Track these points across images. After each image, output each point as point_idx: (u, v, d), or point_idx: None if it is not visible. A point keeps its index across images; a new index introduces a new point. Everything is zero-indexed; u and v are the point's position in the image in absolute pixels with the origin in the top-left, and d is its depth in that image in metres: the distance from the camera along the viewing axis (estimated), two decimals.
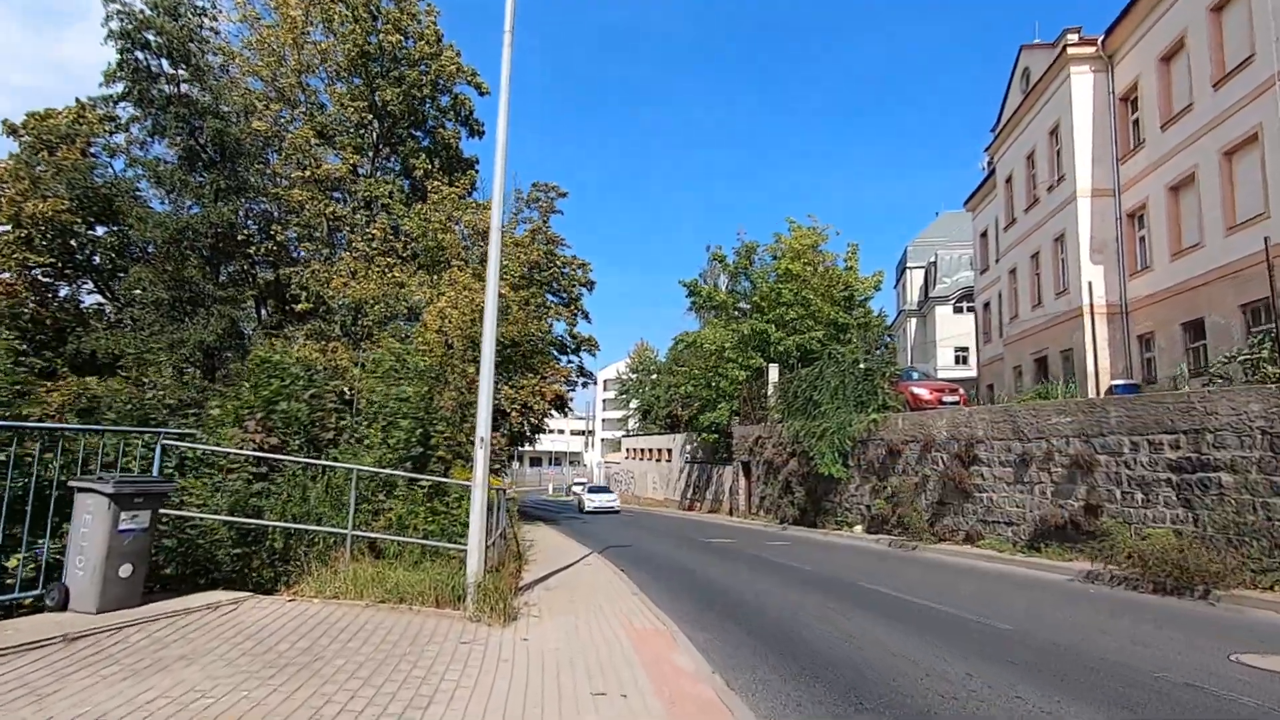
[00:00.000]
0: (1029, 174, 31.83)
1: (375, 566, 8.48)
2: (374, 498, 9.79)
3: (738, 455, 33.35)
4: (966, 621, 9.19)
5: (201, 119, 30.33)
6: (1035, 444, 15.81)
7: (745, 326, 34.62)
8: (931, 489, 19.11)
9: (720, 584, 12.94)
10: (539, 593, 10.65)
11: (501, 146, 8.86)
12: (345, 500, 8.84)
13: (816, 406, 24.42)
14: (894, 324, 60.24)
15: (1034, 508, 15.78)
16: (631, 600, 10.48)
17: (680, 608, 10.37)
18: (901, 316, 62.91)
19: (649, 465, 51.73)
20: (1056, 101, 28.76)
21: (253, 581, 8.39)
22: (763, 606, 10.49)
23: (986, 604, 10.53)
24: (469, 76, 36.30)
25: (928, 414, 19.98)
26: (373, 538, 9.04)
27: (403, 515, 9.46)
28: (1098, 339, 26.23)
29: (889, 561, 16.19)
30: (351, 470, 8.78)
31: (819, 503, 25.05)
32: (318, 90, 34.95)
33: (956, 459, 18.03)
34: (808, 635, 8.48)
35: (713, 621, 9.33)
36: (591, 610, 9.42)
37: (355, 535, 8.63)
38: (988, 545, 16.71)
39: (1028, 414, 16.09)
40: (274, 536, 8.59)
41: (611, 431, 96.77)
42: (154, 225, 29.04)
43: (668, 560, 17.20)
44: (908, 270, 63.01)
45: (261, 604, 7.51)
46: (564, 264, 37.88)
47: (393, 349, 14.21)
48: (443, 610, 8.04)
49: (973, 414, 17.87)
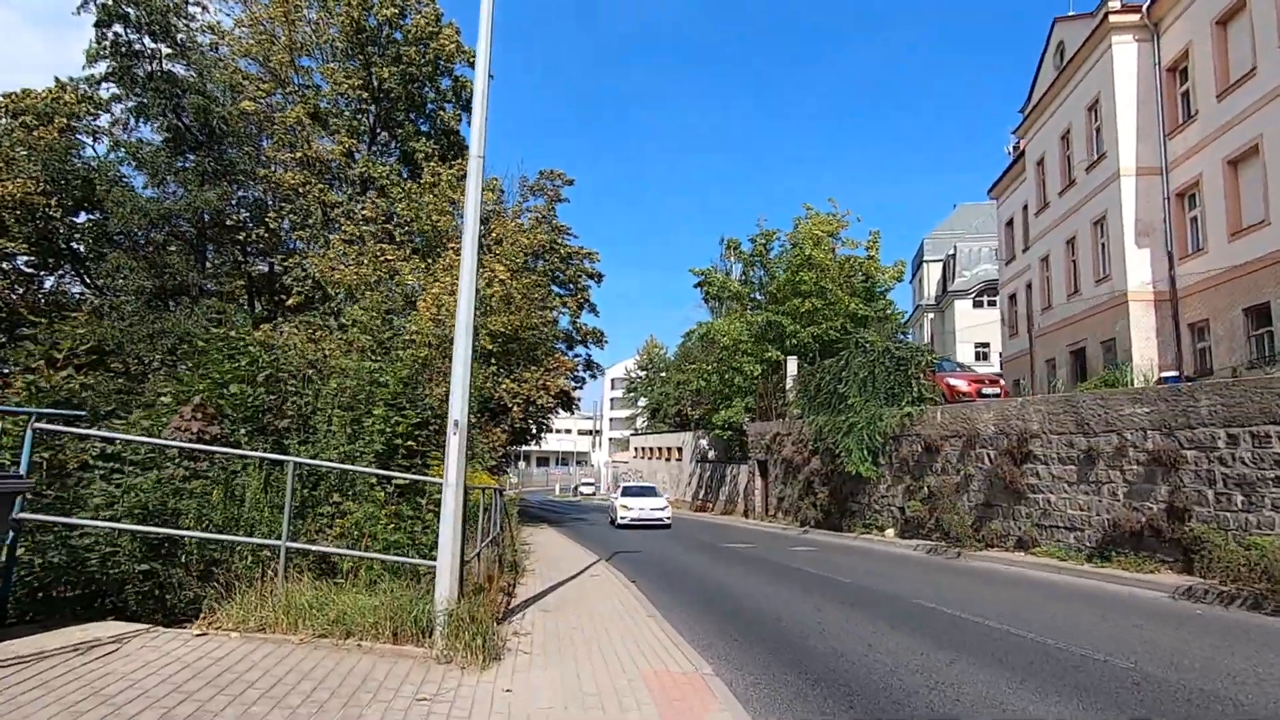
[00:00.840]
0: (1064, 154, 29.87)
1: (317, 589, 6.60)
2: (328, 499, 7.93)
3: (753, 454, 31.41)
4: (1083, 660, 7.26)
5: (184, 96, 28.53)
6: (1103, 438, 13.87)
7: (761, 317, 32.68)
8: (976, 489, 17.18)
9: (748, 600, 11.04)
10: (534, 615, 8.78)
11: (485, 39, 7.03)
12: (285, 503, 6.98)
13: (842, 400, 22.47)
14: (910, 319, 58.21)
15: (1102, 511, 13.83)
16: (647, 625, 8.60)
17: (706, 635, 8.50)
18: (918, 312, 60.88)
19: (658, 464, 49.82)
20: (1096, 75, 26.81)
21: (165, 608, 6.57)
22: (804, 631, 8.62)
23: (1086, 632, 8.62)
24: (469, 57, 34.45)
25: (970, 407, 18.05)
26: (310, 550, 7.14)
27: (360, 521, 7.57)
28: (1144, 328, 24.34)
29: (936, 572, 14.26)
30: (288, 464, 6.83)
31: (844, 504, 23.12)
32: (312, 70, 33.21)
33: (1006, 456, 16.09)
34: (881, 679, 6.60)
35: (753, 658, 7.44)
36: (598, 641, 7.56)
37: (290, 548, 6.71)
38: (1045, 553, 14.78)
39: (1094, 404, 14.14)
40: (191, 549, 6.75)
41: (619, 431, 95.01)
42: (133, 209, 27.26)
43: (683, 569, 15.28)
44: (924, 264, 61.01)
45: (156, 641, 5.67)
46: (570, 254, 35.97)
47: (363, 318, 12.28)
48: (401, 647, 6.16)
49: (1026, 405, 15.93)
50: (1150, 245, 24.54)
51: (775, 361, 31.91)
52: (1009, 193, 39.23)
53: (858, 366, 22.29)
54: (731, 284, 36.72)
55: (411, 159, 32.01)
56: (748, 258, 36.56)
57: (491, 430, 22.32)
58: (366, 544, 7.39)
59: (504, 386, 23.49)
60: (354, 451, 8.58)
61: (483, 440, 20.16)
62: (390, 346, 12.28)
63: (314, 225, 29.74)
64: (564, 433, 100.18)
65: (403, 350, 12.87)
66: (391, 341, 12.60)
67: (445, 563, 6.37)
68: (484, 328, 22.04)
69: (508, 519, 17.90)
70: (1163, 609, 10.24)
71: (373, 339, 11.87)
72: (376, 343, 11.93)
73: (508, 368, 24.86)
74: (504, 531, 15.35)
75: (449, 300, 21.63)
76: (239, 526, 7.06)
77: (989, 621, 9.10)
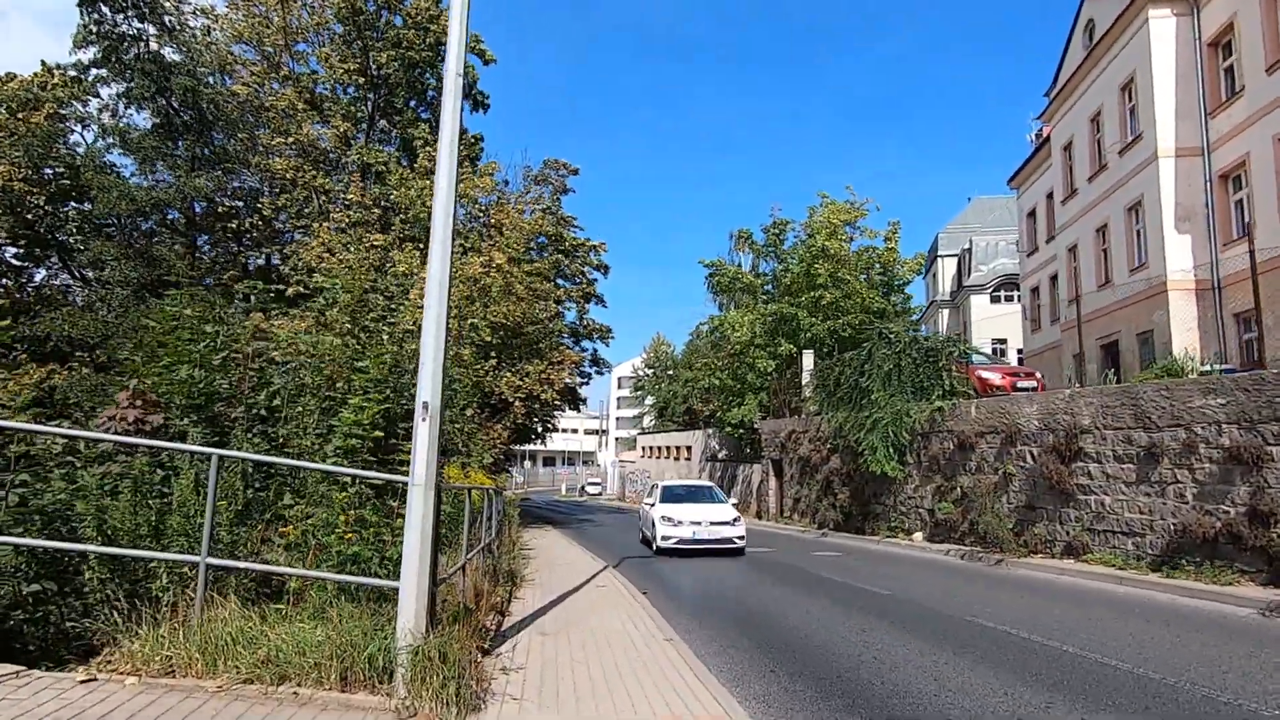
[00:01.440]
0: (1094, 138, 28.39)
1: (247, 618, 5.22)
2: (278, 502, 6.56)
3: (767, 452, 29.98)
4: (1209, 702, 5.88)
5: (171, 78, 27.26)
6: (1168, 433, 12.43)
7: (775, 309, 31.25)
8: (1017, 490, 15.74)
9: (778, 618, 9.63)
10: (530, 640, 7.40)
11: None
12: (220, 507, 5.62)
13: (865, 395, 21.05)
14: (924, 315, 56.65)
15: (1166, 514, 12.39)
16: (664, 652, 7.22)
17: (735, 664, 7.11)
18: (932, 307, 59.31)
19: (667, 464, 48.41)
20: (1130, 52, 25.35)
21: (68, 640, 5.22)
22: (854, 660, 7.23)
23: (1188, 661, 7.22)
24: (472, 42, 33.19)
25: (1010, 400, 16.61)
26: (231, 567, 5.75)
27: (314, 529, 6.17)
28: (1185, 318, 22.91)
29: (979, 582, 12.84)
30: (211, 457, 5.37)
31: (866, 506, 21.70)
32: (308, 55, 31.94)
33: (1052, 453, 14.65)
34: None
35: (799, 700, 6.05)
36: (606, 677, 6.19)
37: (211, 565, 5.27)
38: (1099, 560, 13.35)
39: (1157, 395, 12.69)
40: (94, 566, 5.40)
41: (626, 430, 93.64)
42: (119, 196, 26.01)
43: (699, 578, 13.86)
44: (939, 259, 59.40)
45: (21, 693, 4.31)
46: (576, 245, 34.59)
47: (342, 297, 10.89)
48: (351, 696, 4.77)
49: (1075, 398, 14.48)
50: (1191, 231, 23.12)
51: (789, 356, 30.50)
52: (1031, 182, 37.74)
53: (881, 359, 20.86)
54: (744, 276, 35.24)
55: (411, 146, 30.71)
56: (760, 248, 35.08)
57: (491, 427, 20.97)
58: (315, 558, 5.98)
59: (505, 380, 22.12)
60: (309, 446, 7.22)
61: (481, 437, 18.86)
62: (373, 331, 10.92)
63: (311, 214, 28.45)
64: (570, 432, 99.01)
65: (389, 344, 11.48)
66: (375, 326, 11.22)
67: (410, 583, 5.00)
68: (483, 318, 20.73)
69: (507, 522, 16.56)
70: (1257, 629, 8.81)
71: (351, 320, 10.52)
72: (356, 325, 10.57)
73: (509, 361, 23.52)
74: (502, 536, 14.01)
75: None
76: (161, 536, 5.71)
77: (1067, 647, 7.69)
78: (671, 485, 21.06)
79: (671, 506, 18.41)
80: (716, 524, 17.50)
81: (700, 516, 17.67)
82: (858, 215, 32.27)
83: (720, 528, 17.47)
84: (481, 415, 19.77)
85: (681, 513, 17.88)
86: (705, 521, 17.45)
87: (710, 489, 20.89)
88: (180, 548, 5.64)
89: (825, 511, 23.39)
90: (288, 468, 6.63)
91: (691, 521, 17.46)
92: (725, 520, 17.74)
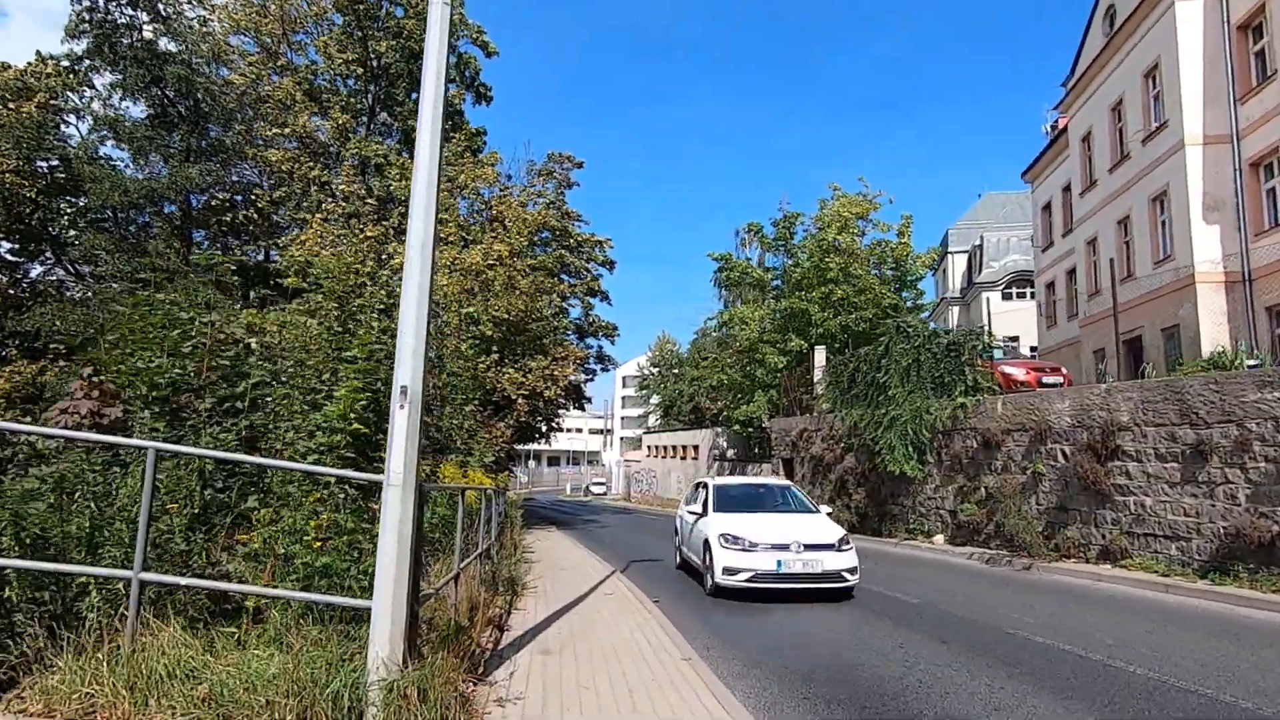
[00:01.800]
0: (1115, 127, 27.52)
1: (189, 645, 4.37)
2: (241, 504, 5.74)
3: (777, 451, 29.14)
4: None
5: (164, 66, 26.52)
6: (1217, 430, 11.58)
7: (785, 304, 30.39)
8: (1047, 490, 14.90)
9: (807, 633, 8.76)
10: (530, 661, 6.60)
11: None
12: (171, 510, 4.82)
13: (882, 391, 20.20)
14: (934, 312, 55.77)
15: (1216, 517, 11.55)
16: (681, 674, 6.40)
17: (763, 688, 6.29)
18: (942, 305, 58.40)
19: (673, 464, 47.58)
20: (1154, 37, 24.49)
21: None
22: (898, 684, 6.41)
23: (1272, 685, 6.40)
24: (474, 33, 32.45)
25: (1040, 396, 15.77)
26: (171, 584, 4.71)
27: (278, 536, 5.33)
28: (1214, 312, 22.06)
29: (1012, 589, 12.00)
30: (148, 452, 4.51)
31: (883, 507, 20.88)
32: (306, 45, 31.22)
33: (1087, 451, 13.81)
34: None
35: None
36: (619, 707, 5.39)
37: (145, 581, 4.38)
38: (1139, 566, 12.51)
39: (1205, 390, 11.85)
40: (11, 581, 4.58)
41: (631, 430, 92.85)
42: (111, 186, 25.27)
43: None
44: (949, 255, 58.49)
45: None
46: (581, 240, 33.76)
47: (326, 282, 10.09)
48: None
49: (1112, 392, 13.63)
50: (1220, 221, 22.27)
51: (800, 352, 29.65)
52: (1046, 175, 36.87)
53: (900, 354, 20.01)
54: (754, 271, 34.39)
55: (412, 140, 29.97)
56: (770, 242, 34.20)
57: (494, 425, 20.18)
58: (275, 570, 5.12)
59: (507, 377, 21.32)
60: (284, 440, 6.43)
61: (484, 435, 18.09)
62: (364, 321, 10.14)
63: (309, 207, 27.72)
64: (575, 432, 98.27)
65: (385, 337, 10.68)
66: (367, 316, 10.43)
67: (385, 603, 4.19)
68: (485, 311, 19.94)
69: (509, 524, 15.78)
70: None
71: (340, 308, 9.73)
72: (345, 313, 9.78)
73: (511, 357, 22.72)
74: (503, 539, 13.22)
75: (443, 283, 19.50)
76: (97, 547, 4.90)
77: (1134, 668, 6.85)
78: (729, 485, 14.20)
79: (734, 519, 11.71)
80: (814, 548, 10.90)
81: (785, 535, 11.02)
82: (870, 208, 31.40)
83: (819, 555, 10.83)
84: (483, 413, 18.98)
85: (753, 528, 11.20)
86: (795, 543, 10.86)
87: (787, 490, 14.37)
88: (113, 559, 4.83)
89: (839, 513, 22.48)
90: (253, 466, 5.82)
91: (773, 544, 10.86)
92: (827, 542, 11.07)
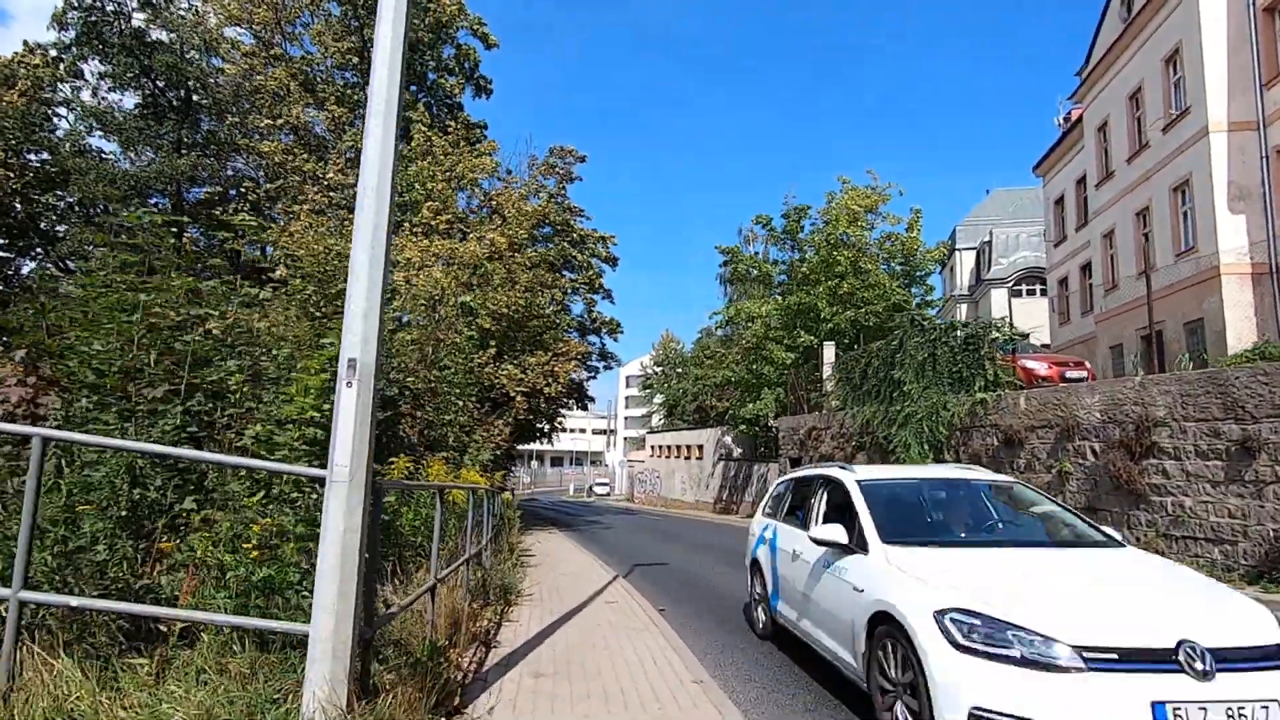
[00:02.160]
0: (1133, 116, 26.72)
1: (85, 678, 3.52)
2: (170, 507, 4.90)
3: (785, 450, 28.32)
4: None
5: (153, 56, 25.79)
6: (1266, 425, 10.77)
7: (793, 299, 29.58)
8: (1075, 490, 14.09)
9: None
10: (519, 684, 5.79)
11: None
12: (88, 513, 4.02)
13: (896, 387, 19.39)
14: (941, 309, 54.97)
15: (1264, 518, 10.74)
16: (693, 701, 5.59)
17: (784, 717, 5.50)
18: (950, 302, 57.57)
19: (677, 464, 46.78)
20: (1175, 21, 23.70)
21: None
22: None
23: None
24: (474, 24, 31.73)
25: (1067, 390, 14.95)
26: (57, 604, 3.74)
27: (205, 543, 4.47)
28: (1240, 305, 21.26)
29: None
30: (34, 439, 3.56)
31: None
32: (301, 34, 30.50)
33: (1119, 448, 13.00)
34: None
35: None
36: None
37: (26, 601, 3.47)
38: None
39: (1252, 382, 11.03)
40: None
41: (635, 430, 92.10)
42: (97, 178, 24.57)
43: (720, 593, 12.00)
44: (957, 251, 57.65)
45: None
46: (583, 236, 32.97)
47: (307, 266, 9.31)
48: None
49: (1147, 385, 12.82)
50: (1246, 210, 21.49)
51: (808, 348, 28.85)
52: (1058, 168, 36.06)
53: (915, 348, 19.18)
54: (762, 264, 33.58)
55: (409, 133, 29.23)
56: (778, 235, 33.39)
57: (492, 423, 19.40)
58: (192, 590, 4.27)
59: (505, 372, 20.54)
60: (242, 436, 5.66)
61: (481, 433, 17.31)
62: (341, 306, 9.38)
63: (304, 200, 26.99)
64: (578, 432, 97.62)
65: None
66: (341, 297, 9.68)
67: (324, 629, 3.35)
68: (482, 303, 19.17)
69: (506, 526, 14.99)
70: None
71: (319, 292, 8.97)
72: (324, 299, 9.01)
73: (510, 353, 21.94)
74: (499, 543, 12.43)
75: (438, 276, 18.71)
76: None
77: None
78: (891, 483, 6.73)
79: (951, 565, 4.95)
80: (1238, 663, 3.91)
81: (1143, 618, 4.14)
82: (879, 200, 30.58)
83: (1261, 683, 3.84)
84: (480, 410, 18.20)
85: (1034, 598, 4.36)
86: (1185, 644, 3.89)
87: (1010, 490, 6.91)
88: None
89: None
90: (189, 460, 5.03)
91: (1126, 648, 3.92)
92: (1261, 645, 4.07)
